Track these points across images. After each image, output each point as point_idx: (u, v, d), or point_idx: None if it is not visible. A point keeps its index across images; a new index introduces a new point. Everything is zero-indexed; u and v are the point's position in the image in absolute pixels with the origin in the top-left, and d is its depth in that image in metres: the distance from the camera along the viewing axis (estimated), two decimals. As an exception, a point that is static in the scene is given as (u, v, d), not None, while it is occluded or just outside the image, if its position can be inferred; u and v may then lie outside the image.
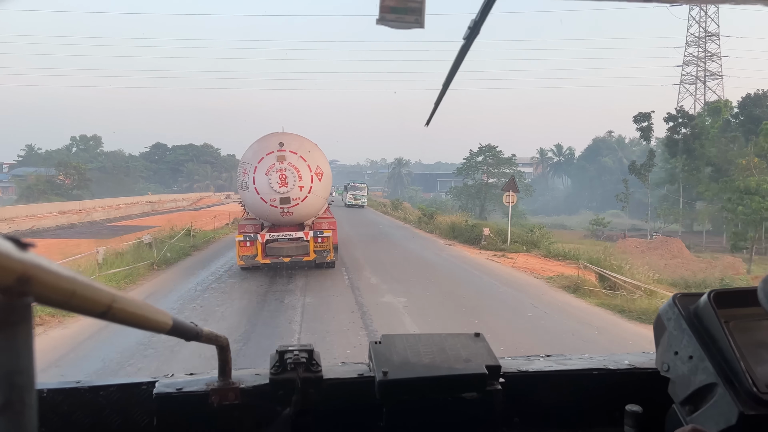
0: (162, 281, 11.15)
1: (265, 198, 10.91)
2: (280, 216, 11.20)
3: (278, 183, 10.49)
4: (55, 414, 0.91)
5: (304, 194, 10.98)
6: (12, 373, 0.30)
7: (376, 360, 1.00)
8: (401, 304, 8.92)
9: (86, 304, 0.37)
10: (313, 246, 11.27)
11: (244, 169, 11.37)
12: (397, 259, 14.73)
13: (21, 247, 0.32)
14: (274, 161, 10.85)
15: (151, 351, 6.23)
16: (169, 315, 0.62)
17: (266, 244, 11.18)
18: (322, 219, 12.35)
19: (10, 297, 0.30)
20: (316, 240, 11.25)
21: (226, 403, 0.94)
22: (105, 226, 28.46)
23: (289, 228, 11.51)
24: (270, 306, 8.72)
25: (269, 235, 11.42)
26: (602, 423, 1.04)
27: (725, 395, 0.78)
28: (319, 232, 11.37)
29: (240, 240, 11.23)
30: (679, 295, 0.91)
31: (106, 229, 26.32)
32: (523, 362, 1.14)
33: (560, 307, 9.21)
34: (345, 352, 6.12)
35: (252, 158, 11.27)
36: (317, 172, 11.12)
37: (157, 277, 11.47)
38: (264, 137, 11.87)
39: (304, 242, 11.25)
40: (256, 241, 11.04)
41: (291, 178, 10.71)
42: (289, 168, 10.78)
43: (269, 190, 10.84)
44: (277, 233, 11.51)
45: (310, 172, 11.02)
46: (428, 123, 1.12)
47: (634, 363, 1.13)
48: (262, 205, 11.09)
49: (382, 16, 0.76)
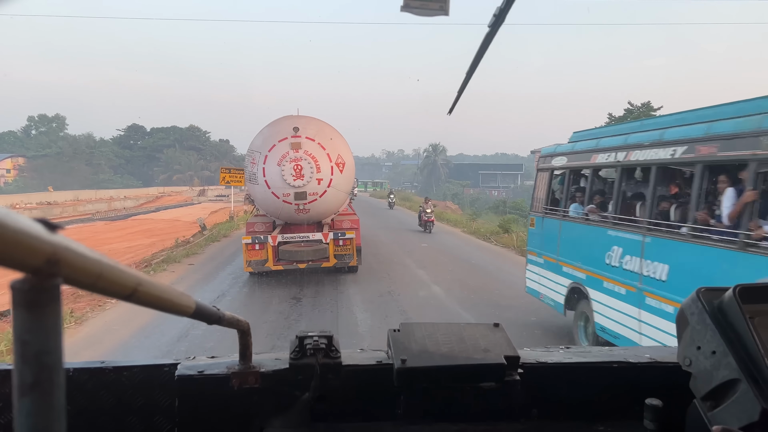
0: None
1: (277, 193, 10.89)
2: (295, 214, 11.13)
3: (292, 175, 10.65)
4: (81, 393, 1.12)
5: (322, 188, 10.98)
6: (41, 353, 0.37)
7: (395, 347, 1.19)
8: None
9: (112, 287, 0.47)
10: (333, 250, 11.22)
11: (253, 158, 11.20)
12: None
13: (50, 229, 0.39)
14: (287, 149, 10.81)
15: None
16: (192, 299, 0.75)
17: (278, 248, 11.07)
18: (343, 217, 12.24)
19: (39, 278, 0.37)
20: (337, 242, 11.23)
21: (246, 387, 1.15)
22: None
23: (305, 228, 11.48)
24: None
25: (282, 237, 11.21)
26: (621, 416, 1.22)
27: (748, 391, 0.90)
28: (340, 234, 11.31)
29: (247, 243, 11.03)
30: (703, 290, 1.05)
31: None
32: (542, 353, 1.34)
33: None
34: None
35: (262, 146, 11.11)
36: (338, 162, 11.14)
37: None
38: (276, 121, 11.61)
39: (323, 245, 11.16)
40: (266, 243, 10.98)
41: (307, 169, 10.77)
42: (305, 157, 10.79)
43: (282, 184, 10.81)
44: (291, 234, 11.34)
45: (330, 162, 11.01)
46: (451, 111, 1.34)
47: (655, 357, 1.33)
48: (274, 201, 11.03)
49: (406, 3, 0.92)
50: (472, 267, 14.21)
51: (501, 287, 11.30)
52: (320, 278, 12.01)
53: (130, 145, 75.66)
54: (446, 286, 11.38)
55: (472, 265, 14.51)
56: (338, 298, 10.46)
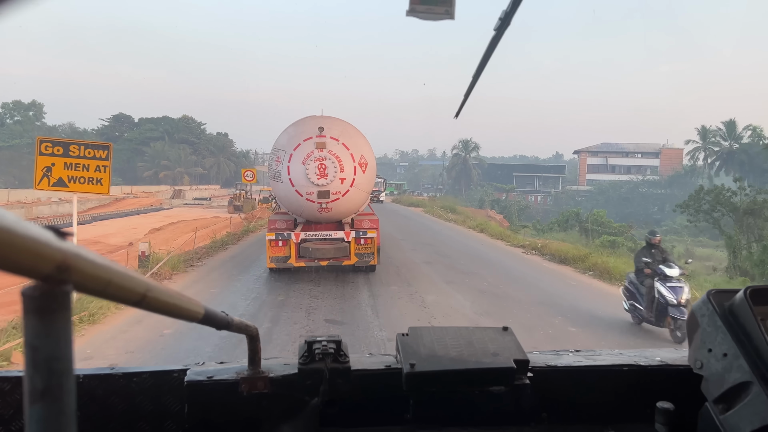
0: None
1: (300, 191, 12.31)
2: (317, 212, 12.55)
3: (316, 174, 12.21)
4: (91, 399, 1.25)
5: (345, 188, 12.44)
6: (51, 359, 0.41)
7: (404, 352, 1.33)
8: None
9: (122, 293, 0.52)
10: (355, 248, 12.74)
11: (278, 156, 12.56)
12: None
13: (60, 236, 0.42)
14: (312, 148, 12.22)
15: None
16: (201, 304, 0.83)
17: (300, 245, 12.52)
18: (363, 217, 13.59)
19: (50, 285, 0.41)
20: (358, 241, 12.78)
21: (255, 392, 1.29)
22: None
23: (326, 226, 12.93)
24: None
25: (304, 234, 12.59)
26: (632, 420, 1.35)
27: (760, 394, 1.01)
28: (362, 233, 12.78)
29: (271, 239, 12.45)
30: (714, 292, 1.18)
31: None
32: (552, 357, 1.49)
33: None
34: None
35: (287, 144, 12.45)
36: (361, 163, 12.62)
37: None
38: (301, 120, 12.91)
39: (345, 243, 12.64)
40: (289, 240, 12.45)
41: (331, 168, 12.25)
42: (329, 157, 12.25)
43: (306, 182, 12.20)
44: (313, 232, 12.75)
45: (353, 162, 12.46)
46: (457, 115, 1.57)
47: (666, 359, 1.47)
48: (297, 198, 12.41)
49: (412, 8, 1.06)
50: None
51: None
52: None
53: (115, 137, 72.56)
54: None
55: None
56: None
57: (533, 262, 17.59)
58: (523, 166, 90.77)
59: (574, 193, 76.06)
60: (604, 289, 13.44)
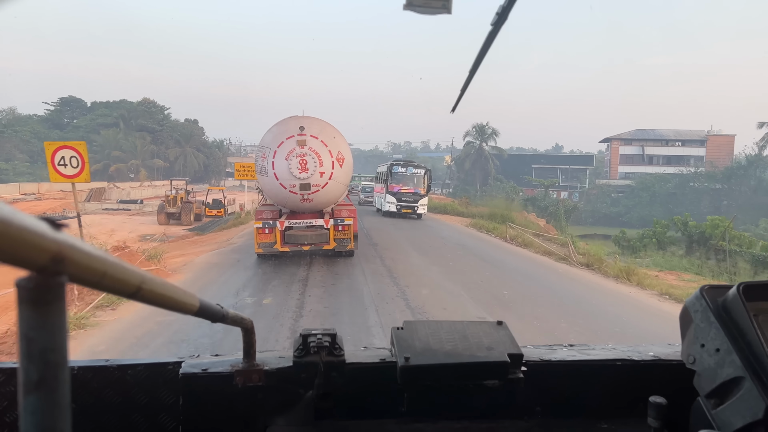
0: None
1: (284, 184, 15.24)
2: (300, 203, 15.51)
3: (298, 168, 15.27)
4: (86, 390, 1.36)
5: (324, 180, 15.47)
6: (46, 351, 0.45)
7: (398, 345, 1.45)
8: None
9: (117, 285, 0.57)
10: (333, 234, 15.94)
11: (263, 153, 15.36)
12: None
13: (55, 228, 0.46)
14: (294, 146, 15.16)
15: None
16: (196, 297, 0.91)
17: (284, 232, 15.53)
18: (342, 207, 16.63)
19: (44, 276, 0.45)
20: (337, 228, 16.06)
21: (250, 385, 1.41)
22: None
23: (308, 215, 15.91)
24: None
25: (288, 222, 15.50)
26: (625, 414, 1.49)
27: (752, 389, 1.12)
28: (339, 220, 16.03)
29: (258, 227, 15.38)
30: (707, 287, 1.29)
31: None
32: (546, 351, 1.62)
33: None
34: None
35: (271, 142, 15.30)
36: (338, 158, 15.64)
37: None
38: (284, 120, 15.60)
39: (324, 230, 15.81)
40: (275, 228, 15.51)
41: (312, 163, 15.29)
42: (310, 153, 15.27)
43: (289, 176, 15.13)
44: (296, 220, 15.72)
45: (332, 158, 15.48)
46: (454, 109, 1.69)
47: (659, 354, 1.60)
48: (281, 191, 15.35)
49: (409, 2, 1.13)
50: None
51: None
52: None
53: (63, 124, 68.89)
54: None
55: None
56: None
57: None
58: (545, 156, 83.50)
59: (608, 188, 68.49)
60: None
